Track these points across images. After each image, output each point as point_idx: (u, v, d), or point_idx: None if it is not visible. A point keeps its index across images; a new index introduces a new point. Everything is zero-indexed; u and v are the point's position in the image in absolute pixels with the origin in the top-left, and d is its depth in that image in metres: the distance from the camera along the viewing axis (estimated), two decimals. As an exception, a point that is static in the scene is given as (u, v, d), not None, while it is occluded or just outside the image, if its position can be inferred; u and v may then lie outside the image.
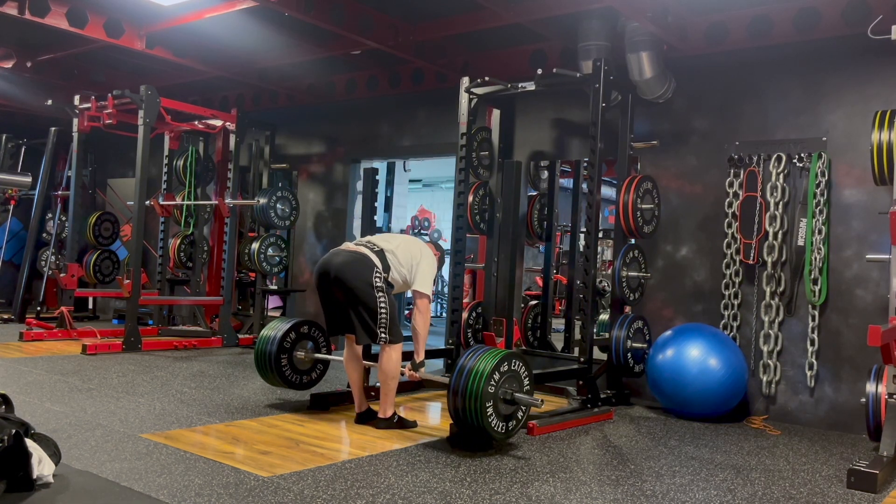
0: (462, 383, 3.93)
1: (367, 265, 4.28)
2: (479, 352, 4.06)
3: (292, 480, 3.32)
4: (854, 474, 3.66)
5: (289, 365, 4.92)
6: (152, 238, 9.01)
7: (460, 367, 4.00)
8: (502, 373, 3.95)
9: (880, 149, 4.21)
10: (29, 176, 9.51)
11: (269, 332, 4.93)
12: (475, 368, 3.92)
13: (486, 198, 6.44)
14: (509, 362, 4.00)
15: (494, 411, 3.91)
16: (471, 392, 3.88)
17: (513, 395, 3.98)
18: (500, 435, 4.00)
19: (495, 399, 3.91)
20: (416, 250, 4.51)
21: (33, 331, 7.56)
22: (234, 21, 6.24)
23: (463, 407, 3.92)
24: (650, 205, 5.50)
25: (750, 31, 5.45)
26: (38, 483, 2.97)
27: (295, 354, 4.94)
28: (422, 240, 4.85)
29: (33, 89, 8.89)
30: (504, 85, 5.86)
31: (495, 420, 3.93)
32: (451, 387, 3.99)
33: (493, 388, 3.90)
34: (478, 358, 3.98)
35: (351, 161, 8.12)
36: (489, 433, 3.94)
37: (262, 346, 4.90)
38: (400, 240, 4.58)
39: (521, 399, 4.00)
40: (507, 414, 4.00)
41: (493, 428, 3.92)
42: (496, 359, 3.94)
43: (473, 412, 3.89)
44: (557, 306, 9.21)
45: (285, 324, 4.95)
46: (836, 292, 5.11)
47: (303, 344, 4.99)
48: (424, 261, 4.49)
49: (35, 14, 6.09)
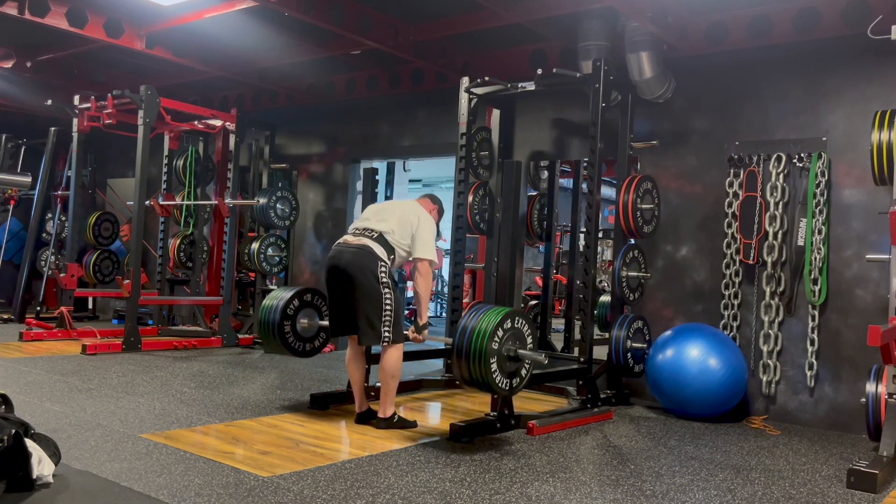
0: (466, 342, 3.94)
1: (373, 260, 4.28)
2: (481, 310, 4.06)
3: (292, 480, 3.32)
4: (854, 474, 3.66)
5: (292, 333, 4.90)
6: (152, 238, 9.01)
7: (463, 326, 4.00)
8: (505, 330, 3.96)
9: (880, 149, 4.21)
10: (29, 176, 9.52)
11: (271, 302, 4.91)
12: (478, 327, 3.93)
13: (485, 198, 6.44)
14: (512, 319, 4.01)
15: (499, 368, 3.93)
16: (474, 350, 3.89)
17: (516, 351, 4.00)
18: (505, 391, 4.04)
19: (499, 356, 3.93)
20: (412, 218, 4.44)
21: (33, 331, 7.56)
22: (233, 21, 6.24)
23: (467, 365, 3.93)
24: (650, 205, 5.50)
25: (750, 31, 5.45)
26: (38, 483, 2.97)
27: (298, 322, 4.93)
28: (416, 200, 4.75)
29: (33, 89, 8.89)
30: (504, 85, 5.86)
31: (499, 377, 3.95)
32: (454, 346, 4.01)
33: (497, 345, 3.91)
34: (480, 316, 3.99)
35: (351, 161, 8.12)
36: (494, 389, 3.98)
37: (265, 315, 4.89)
38: (395, 214, 4.47)
39: (525, 355, 4.02)
40: (512, 371, 4.02)
41: (497, 384, 3.95)
42: (499, 316, 3.96)
43: (478, 370, 3.90)
44: (557, 306, 9.21)
45: (288, 292, 4.93)
46: (835, 292, 5.11)
47: (306, 312, 4.97)
48: (422, 227, 4.42)
49: (35, 14, 6.09)
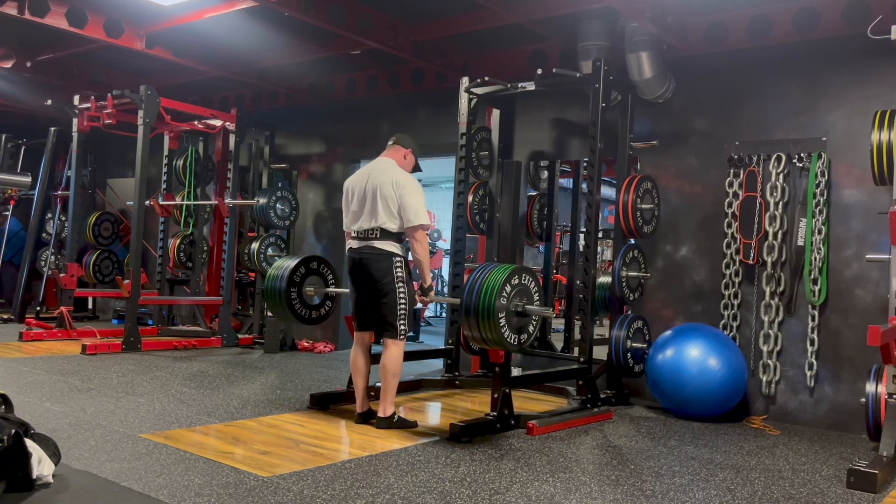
0: (474, 300, 3.96)
1: (388, 260, 4.34)
2: (488, 268, 4.09)
3: (292, 480, 3.32)
4: (854, 474, 3.66)
5: (299, 299, 4.93)
6: (152, 238, 9.01)
7: (471, 284, 4.02)
8: (513, 285, 3.98)
9: (880, 149, 4.21)
10: (28, 176, 9.52)
11: (277, 271, 4.93)
12: (486, 284, 3.95)
13: (485, 198, 6.44)
14: (519, 276, 4.04)
15: (507, 323, 3.96)
16: (483, 307, 3.91)
17: (524, 307, 4.02)
18: (514, 347, 4.08)
19: (507, 312, 3.95)
20: (391, 192, 4.29)
21: (33, 331, 7.57)
22: (233, 21, 6.24)
23: (476, 322, 3.95)
24: (650, 205, 5.50)
25: (750, 31, 5.45)
26: (38, 483, 2.97)
27: (304, 290, 4.95)
28: (386, 153, 4.54)
29: (33, 89, 8.89)
30: (504, 85, 5.86)
31: (508, 332, 3.98)
32: (462, 304, 4.03)
33: (505, 301, 3.93)
34: (488, 273, 4.01)
35: (351, 161, 8.11)
36: (503, 345, 4.01)
37: (270, 284, 4.91)
38: (377, 200, 4.31)
39: (533, 310, 4.04)
40: (520, 326, 4.05)
41: (506, 340, 3.98)
42: (506, 273, 3.98)
43: (487, 326, 3.92)
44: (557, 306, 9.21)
45: (294, 260, 4.96)
46: (835, 292, 5.11)
47: (312, 279, 5.00)
48: (405, 194, 4.29)
49: (35, 14, 6.09)
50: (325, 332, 7.97)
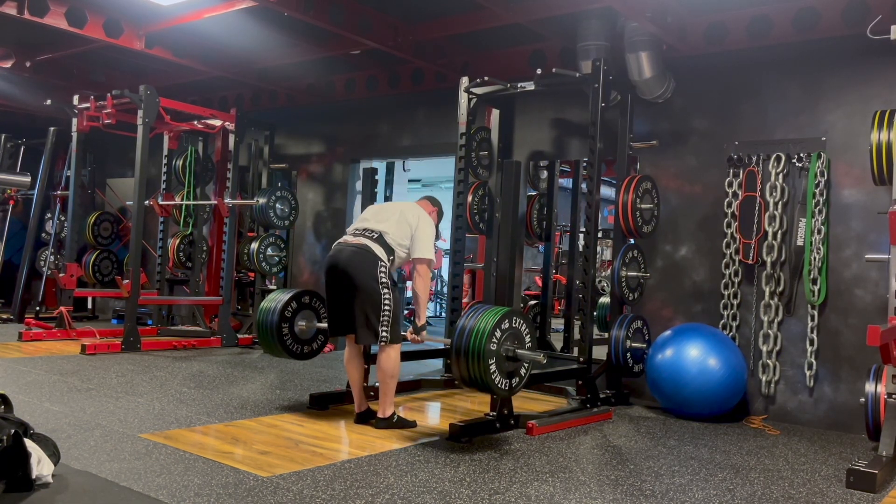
0: (464, 343, 3.93)
1: (372, 260, 4.28)
2: (479, 310, 4.05)
3: (291, 480, 3.32)
4: (853, 474, 3.66)
5: (290, 335, 4.91)
6: (151, 238, 9.01)
7: (461, 327, 3.99)
8: (503, 330, 3.95)
9: (879, 149, 4.21)
10: (28, 176, 9.51)
11: (269, 304, 4.92)
12: (476, 327, 3.92)
13: (485, 198, 6.44)
14: (510, 320, 4.00)
15: (497, 368, 3.92)
16: (473, 351, 3.89)
17: (515, 351, 3.99)
18: (504, 392, 4.02)
19: (498, 357, 3.92)
20: (412, 219, 4.46)
21: (32, 331, 7.56)
22: (233, 21, 6.24)
23: (466, 366, 3.92)
24: (649, 205, 5.51)
25: (749, 31, 5.45)
26: (38, 483, 2.97)
27: (296, 324, 4.93)
28: (416, 202, 4.75)
29: (32, 89, 8.89)
30: (503, 85, 5.86)
31: (498, 377, 3.94)
32: (453, 347, 4.00)
33: (496, 345, 3.90)
34: (478, 317, 3.98)
35: (350, 161, 8.12)
36: (493, 390, 3.96)
37: (263, 317, 4.89)
38: (393, 215, 4.47)
39: (524, 355, 4.01)
40: (510, 371, 4.01)
41: (496, 385, 3.94)
42: (497, 316, 3.95)
43: (476, 371, 3.89)
44: (557, 306, 9.22)
45: (286, 294, 4.94)
46: (835, 292, 5.12)
47: (304, 314, 4.97)
48: (421, 227, 4.44)
49: (34, 14, 6.09)
50: (325, 332, 7.97)
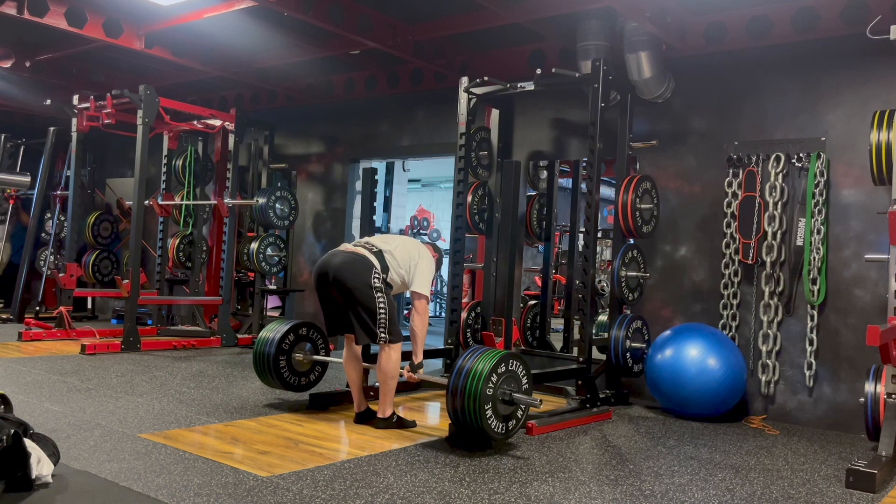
0: (461, 384, 3.93)
1: (366, 265, 4.28)
2: (476, 353, 4.05)
3: (291, 480, 3.32)
4: (853, 474, 3.66)
5: (287, 367, 4.90)
6: (151, 238, 9.01)
7: (458, 369, 3.99)
8: (500, 374, 3.94)
9: (879, 149, 4.21)
10: (28, 176, 9.51)
11: (267, 335, 4.92)
12: (473, 369, 3.92)
13: (485, 198, 6.43)
14: (507, 363, 3.99)
15: (493, 412, 3.91)
16: (469, 393, 3.88)
17: (511, 395, 3.97)
18: (500, 435, 4.00)
19: (494, 400, 3.91)
20: (414, 251, 4.53)
21: (32, 331, 7.56)
22: (232, 21, 6.24)
23: (462, 408, 3.92)
24: (649, 205, 5.51)
25: (749, 31, 5.45)
26: (37, 483, 2.97)
27: (293, 356, 4.93)
28: (420, 240, 4.86)
29: (32, 89, 8.88)
30: (503, 85, 5.86)
31: (494, 421, 3.93)
32: (449, 388, 3.99)
33: (492, 389, 3.89)
34: (476, 359, 3.98)
35: (350, 161, 8.12)
36: (488, 434, 3.94)
37: (260, 349, 4.89)
38: (398, 241, 4.58)
39: (520, 399, 4.00)
40: (506, 414, 4.00)
41: (492, 429, 3.93)
42: (494, 360, 3.94)
43: (472, 413, 3.89)
44: (556, 306, 9.21)
45: (284, 325, 4.94)
46: (834, 292, 5.12)
47: (301, 346, 4.97)
48: (423, 261, 4.50)
49: (34, 14, 6.09)
50: (325, 332, 7.97)
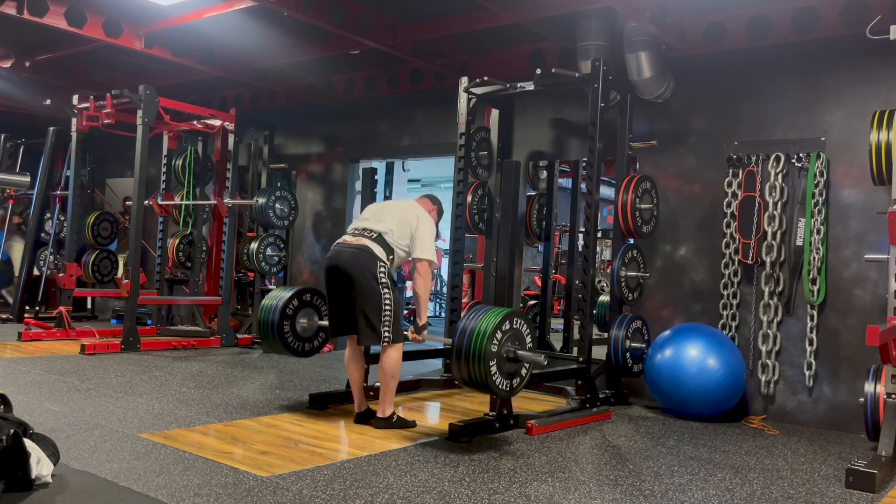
0: (465, 343, 3.93)
1: (372, 260, 4.28)
2: (480, 311, 4.05)
3: (291, 480, 3.32)
4: (852, 474, 3.67)
5: (291, 332, 4.91)
6: (151, 238, 9.01)
7: (462, 328, 3.99)
8: (504, 331, 3.95)
9: (879, 149, 4.21)
10: (27, 176, 9.50)
11: (270, 302, 4.92)
12: (477, 328, 3.92)
13: (484, 198, 6.44)
14: (511, 321, 4.00)
15: (498, 370, 3.93)
16: (474, 352, 3.89)
17: (516, 352, 3.99)
18: (505, 392, 4.03)
19: (499, 358, 3.92)
20: (412, 218, 4.45)
21: (32, 331, 7.56)
22: (232, 21, 6.24)
23: (467, 367, 3.93)
24: (649, 205, 5.51)
25: (748, 31, 5.45)
26: (37, 483, 2.97)
27: (298, 322, 4.93)
28: (415, 200, 4.75)
29: (32, 89, 8.88)
30: (503, 85, 5.86)
31: (499, 378, 3.95)
32: (454, 347, 4.00)
33: (496, 346, 3.91)
34: (479, 318, 3.98)
35: (350, 161, 8.11)
36: (494, 391, 3.97)
37: (264, 315, 4.90)
38: (395, 214, 4.47)
39: (525, 356, 4.01)
40: (511, 371, 4.02)
41: (497, 386, 3.95)
42: (498, 318, 3.95)
43: (477, 372, 3.90)
44: (556, 306, 9.22)
45: (287, 292, 4.94)
46: (834, 292, 5.12)
47: (305, 311, 4.97)
48: (422, 227, 4.43)
49: (33, 14, 6.09)
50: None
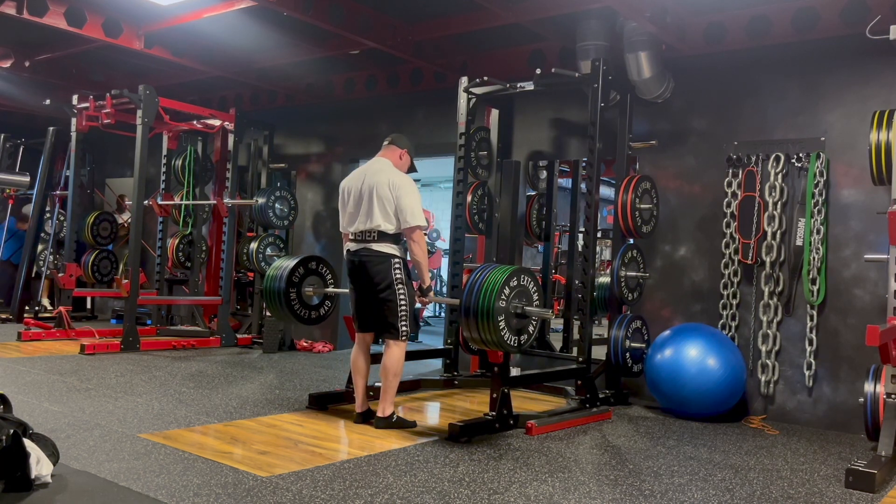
0: (473, 301, 3.94)
1: (386, 263, 4.33)
2: (487, 269, 4.07)
3: (291, 480, 3.32)
4: (852, 474, 3.67)
5: (298, 300, 4.93)
6: (151, 238, 9.00)
7: (471, 284, 4.00)
8: (512, 287, 3.96)
9: (878, 149, 4.21)
10: (27, 175, 9.50)
11: (275, 271, 4.93)
12: (485, 285, 3.92)
13: (484, 198, 6.44)
14: (518, 277, 4.02)
15: (507, 325, 3.94)
16: (482, 308, 3.90)
17: (523, 308, 4.00)
18: (514, 348, 4.07)
19: (507, 314, 3.93)
20: (388, 193, 4.27)
21: (31, 331, 7.56)
22: (232, 21, 6.24)
23: (476, 324, 3.94)
24: (649, 205, 5.51)
25: (748, 31, 5.45)
26: (36, 483, 2.97)
27: (304, 290, 4.95)
28: (382, 156, 4.52)
29: (32, 89, 8.88)
30: (503, 85, 5.86)
31: (508, 334, 3.97)
32: (462, 305, 4.01)
33: (504, 303, 3.91)
34: (487, 274, 3.99)
35: (349, 161, 8.11)
36: (503, 346, 4.01)
37: (269, 284, 4.91)
38: (373, 199, 4.29)
39: (532, 312, 4.03)
40: (519, 328, 4.04)
41: (506, 342, 3.98)
42: (506, 274, 3.96)
43: (486, 328, 3.91)
44: (556, 306, 9.21)
45: (293, 260, 4.96)
46: (834, 292, 5.12)
47: (311, 279, 4.99)
48: (401, 195, 4.28)
49: (33, 14, 6.09)
50: (324, 332, 7.97)
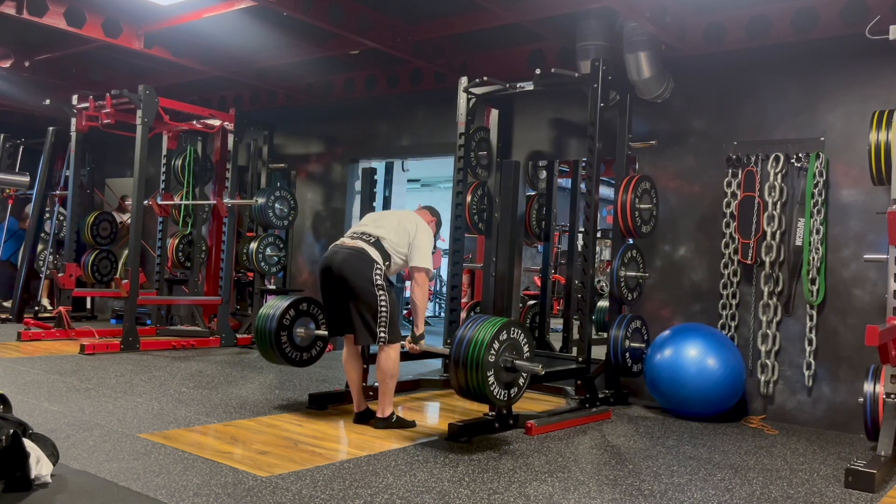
0: (462, 353, 3.94)
1: (368, 262, 4.28)
2: (478, 321, 4.06)
3: (290, 480, 3.32)
4: (852, 474, 3.67)
5: (289, 342, 4.91)
6: (150, 238, 9.00)
7: (460, 337, 4.00)
8: (502, 341, 3.96)
9: (878, 149, 4.21)
10: (27, 175, 9.49)
11: (268, 311, 4.93)
12: (475, 338, 3.93)
13: (484, 198, 6.44)
14: (508, 330, 4.01)
15: (496, 379, 3.94)
16: (471, 361, 3.90)
17: (513, 362, 4.00)
18: (502, 402, 4.05)
19: (496, 367, 3.93)
20: (410, 227, 4.47)
21: (31, 331, 7.56)
22: (232, 21, 6.24)
23: (464, 376, 3.94)
24: (648, 205, 5.51)
25: (748, 31, 5.45)
26: (36, 483, 2.97)
27: (295, 331, 4.94)
28: (414, 211, 4.78)
29: (31, 89, 8.88)
30: (502, 85, 5.87)
31: (497, 388, 3.96)
32: (451, 357, 4.01)
33: (494, 356, 3.91)
34: (477, 327, 3.99)
35: (349, 161, 8.12)
36: (491, 401, 4.00)
37: (261, 324, 4.91)
38: (393, 221, 4.51)
39: (522, 366, 4.03)
40: (509, 381, 4.03)
41: (494, 396, 3.97)
42: (495, 327, 3.96)
43: (475, 381, 3.91)
44: (556, 306, 9.22)
45: (284, 301, 4.95)
46: (833, 292, 5.12)
47: (302, 321, 4.98)
48: (419, 236, 4.46)
49: (33, 13, 6.09)
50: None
